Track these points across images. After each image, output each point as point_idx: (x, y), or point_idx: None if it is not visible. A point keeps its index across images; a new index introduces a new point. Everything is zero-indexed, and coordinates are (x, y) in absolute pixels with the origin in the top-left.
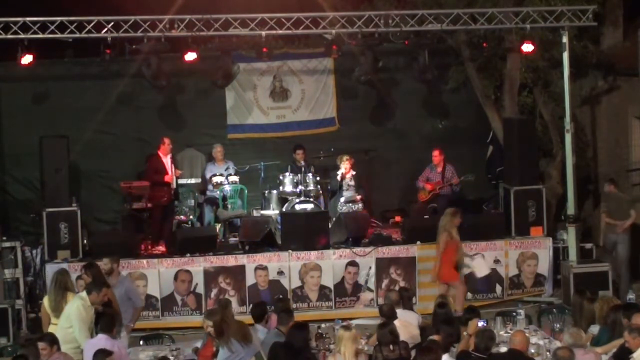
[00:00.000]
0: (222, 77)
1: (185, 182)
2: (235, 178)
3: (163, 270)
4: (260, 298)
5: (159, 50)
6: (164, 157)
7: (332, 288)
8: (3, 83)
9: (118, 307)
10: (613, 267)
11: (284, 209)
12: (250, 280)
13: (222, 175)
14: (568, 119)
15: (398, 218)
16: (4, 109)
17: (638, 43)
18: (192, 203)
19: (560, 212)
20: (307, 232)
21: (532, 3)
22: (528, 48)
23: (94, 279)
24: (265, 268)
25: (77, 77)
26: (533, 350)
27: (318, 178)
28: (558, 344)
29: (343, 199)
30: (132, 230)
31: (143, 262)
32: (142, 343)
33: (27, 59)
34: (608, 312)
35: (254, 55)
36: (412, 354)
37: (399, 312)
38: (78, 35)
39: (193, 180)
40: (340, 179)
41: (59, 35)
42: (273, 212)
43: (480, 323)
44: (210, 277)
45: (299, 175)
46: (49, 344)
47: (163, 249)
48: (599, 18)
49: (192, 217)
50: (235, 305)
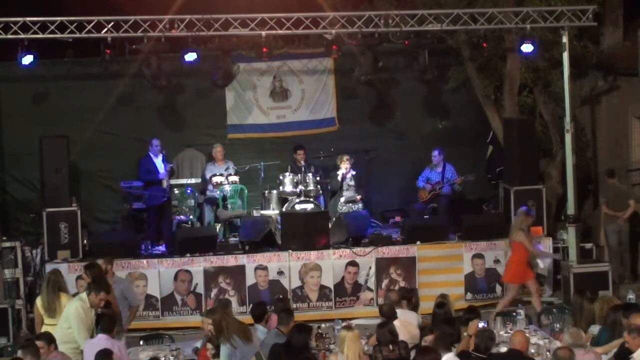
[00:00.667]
0: (222, 77)
1: (186, 182)
2: (235, 178)
3: (163, 270)
4: (260, 298)
5: (159, 50)
6: (155, 157)
7: (332, 288)
8: (3, 83)
9: (118, 308)
10: (613, 256)
11: (284, 209)
12: (250, 280)
13: (222, 175)
14: (568, 119)
15: (398, 218)
16: (4, 109)
17: (638, 43)
18: (192, 203)
19: (560, 212)
20: (307, 232)
21: (532, 3)
22: (528, 48)
23: (94, 280)
24: (265, 268)
25: (77, 77)
26: (533, 350)
27: (318, 178)
28: (558, 344)
29: (343, 199)
30: (132, 230)
31: (143, 262)
32: (142, 343)
33: (27, 59)
34: (608, 312)
35: (254, 55)
36: (411, 354)
37: (399, 312)
38: (78, 35)
39: (193, 180)
40: (341, 179)
41: (59, 35)
42: (273, 212)
43: (481, 324)
44: (210, 277)
45: (299, 175)
46: (47, 343)
47: (162, 249)
48: (599, 18)
49: (192, 217)
50: (235, 305)
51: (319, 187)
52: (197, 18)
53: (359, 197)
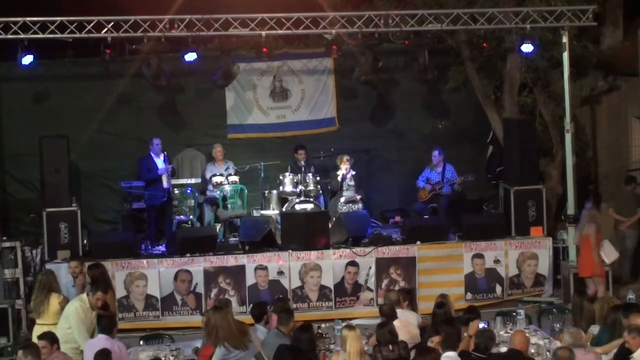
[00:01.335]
0: (222, 77)
1: (186, 182)
2: (235, 178)
3: (163, 270)
4: (260, 298)
5: (159, 50)
6: (156, 157)
7: (332, 288)
8: (3, 83)
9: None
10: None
11: (284, 209)
12: (250, 280)
13: (222, 175)
14: (568, 119)
15: (398, 218)
16: (4, 109)
17: (638, 43)
18: (192, 203)
19: (560, 212)
20: (307, 232)
21: (532, 3)
22: (528, 48)
23: (92, 280)
24: (265, 268)
25: (77, 77)
26: (533, 350)
27: (318, 178)
28: (558, 344)
29: (343, 199)
30: (132, 230)
31: (143, 262)
32: (142, 343)
33: (27, 59)
34: (608, 312)
35: (254, 55)
36: (411, 354)
37: (399, 312)
38: (78, 35)
39: (193, 180)
40: (341, 180)
41: (59, 35)
42: (273, 212)
43: (481, 325)
44: (210, 277)
45: (299, 175)
46: (50, 342)
47: (162, 249)
48: (599, 18)
49: (192, 217)
50: (235, 305)
51: (319, 187)
52: (197, 18)
53: (359, 197)
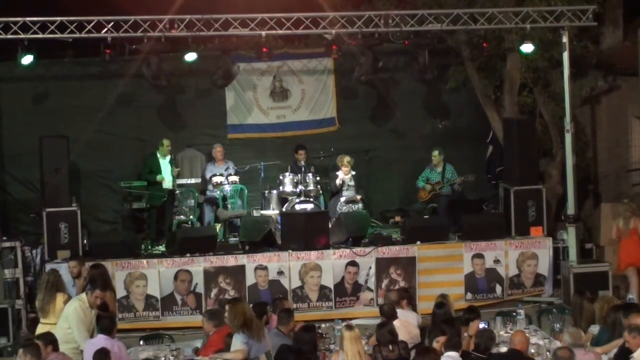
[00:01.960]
0: (222, 77)
1: (186, 182)
2: (235, 178)
3: (163, 270)
4: (260, 298)
5: (159, 50)
6: (162, 158)
7: (332, 288)
8: (3, 83)
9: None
10: None
11: (284, 209)
12: (250, 280)
13: (222, 175)
14: (568, 119)
15: (398, 218)
16: (4, 109)
17: (638, 43)
18: (192, 203)
19: (560, 212)
20: (307, 232)
21: (532, 3)
22: (528, 48)
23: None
24: (265, 268)
25: (77, 77)
26: (533, 350)
27: (318, 178)
28: (558, 344)
29: (343, 199)
30: (132, 230)
31: (143, 262)
32: (142, 343)
33: (27, 59)
34: (608, 312)
35: (254, 55)
36: (411, 354)
37: (399, 312)
38: (78, 35)
39: (193, 180)
40: (340, 182)
41: (59, 35)
42: (273, 212)
43: (481, 325)
44: (210, 277)
45: (299, 175)
46: (44, 343)
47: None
48: (599, 18)
49: (192, 217)
50: None
51: (319, 187)
52: (197, 18)
53: (359, 197)
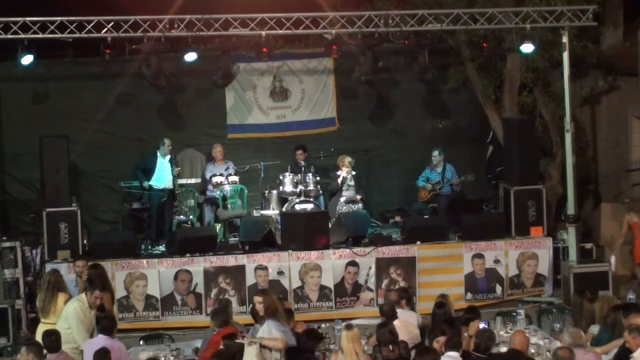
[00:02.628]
0: (222, 77)
1: (186, 182)
2: (235, 178)
3: (163, 270)
4: None
5: (159, 50)
6: (162, 157)
7: (332, 288)
8: (3, 83)
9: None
10: None
11: (284, 209)
12: (250, 280)
13: (222, 175)
14: (568, 119)
15: (398, 218)
16: (4, 109)
17: (638, 43)
18: (192, 203)
19: (560, 212)
20: (307, 232)
21: (532, 3)
22: (528, 48)
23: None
24: (265, 268)
25: (77, 77)
26: (533, 350)
27: (318, 178)
28: (558, 344)
29: (343, 199)
30: (132, 230)
31: (143, 262)
32: (142, 343)
33: (27, 59)
34: (608, 312)
35: (254, 55)
36: (411, 354)
37: (399, 312)
38: (78, 35)
39: (193, 180)
40: (341, 181)
41: (59, 35)
42: (273, 212)
43: (481, 325)
44: (210, 277)
45: (299, 175)
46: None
47: (162, 249)
48: (599, 18)
49: (192, 217)
50: (235, 305)
51: (319, 187)
52: (197, 18)
53: (359, 197)
